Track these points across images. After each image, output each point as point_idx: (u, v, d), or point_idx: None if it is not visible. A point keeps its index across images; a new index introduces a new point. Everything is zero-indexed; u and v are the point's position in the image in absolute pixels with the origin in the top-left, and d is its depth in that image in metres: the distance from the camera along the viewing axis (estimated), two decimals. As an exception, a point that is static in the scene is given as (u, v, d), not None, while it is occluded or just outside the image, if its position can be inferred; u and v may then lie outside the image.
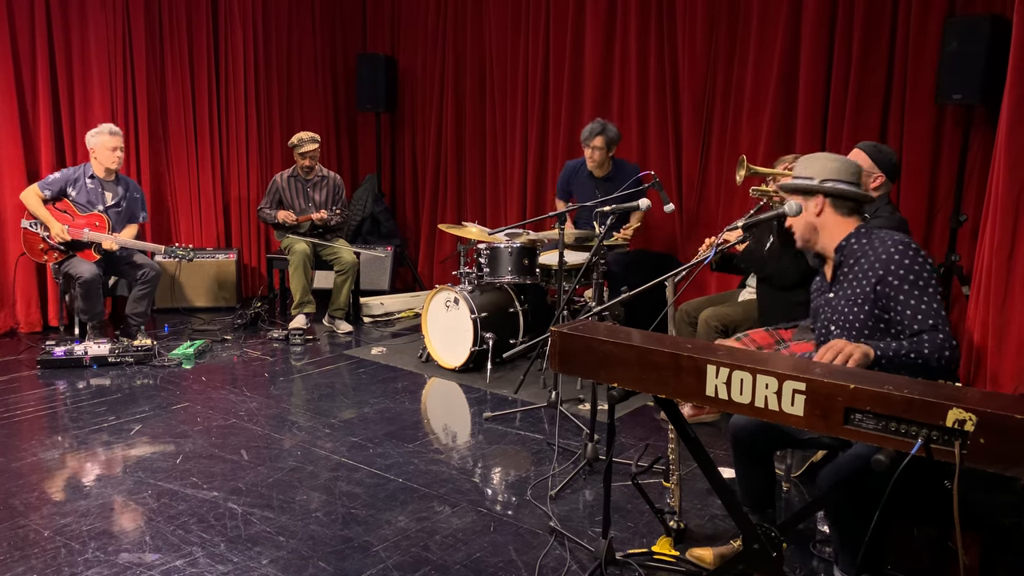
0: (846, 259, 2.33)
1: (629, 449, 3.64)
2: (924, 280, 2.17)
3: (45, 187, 4.93)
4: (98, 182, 5.02)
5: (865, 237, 2.32)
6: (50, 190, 4.93)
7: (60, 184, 4.95)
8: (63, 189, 4.95)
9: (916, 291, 2.17)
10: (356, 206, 7.03)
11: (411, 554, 2.70)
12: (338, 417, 4.00)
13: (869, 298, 2.23)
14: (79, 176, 5.00)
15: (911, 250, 2.20)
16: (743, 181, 3.49)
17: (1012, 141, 3.16)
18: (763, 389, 1.76)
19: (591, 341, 2.02)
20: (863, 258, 2.28)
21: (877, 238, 2.28)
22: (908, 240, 2.24)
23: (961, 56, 3.97)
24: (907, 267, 2.18)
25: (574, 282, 4.15)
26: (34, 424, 3.83)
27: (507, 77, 6.33)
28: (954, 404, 1.55)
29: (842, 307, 2.33)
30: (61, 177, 4.98)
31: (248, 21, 6.44)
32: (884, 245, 2.24)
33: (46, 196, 4.92)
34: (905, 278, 2.18)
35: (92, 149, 4.98)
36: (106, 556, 2.65)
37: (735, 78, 5.07)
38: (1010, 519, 2.05)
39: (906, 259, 2.19)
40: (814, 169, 2.37)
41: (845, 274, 2.33)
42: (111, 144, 4.95)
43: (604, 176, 5.14)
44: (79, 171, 5.02)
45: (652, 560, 2.67)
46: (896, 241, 2.23)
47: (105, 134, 4.95)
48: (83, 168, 5.03)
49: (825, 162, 2.36)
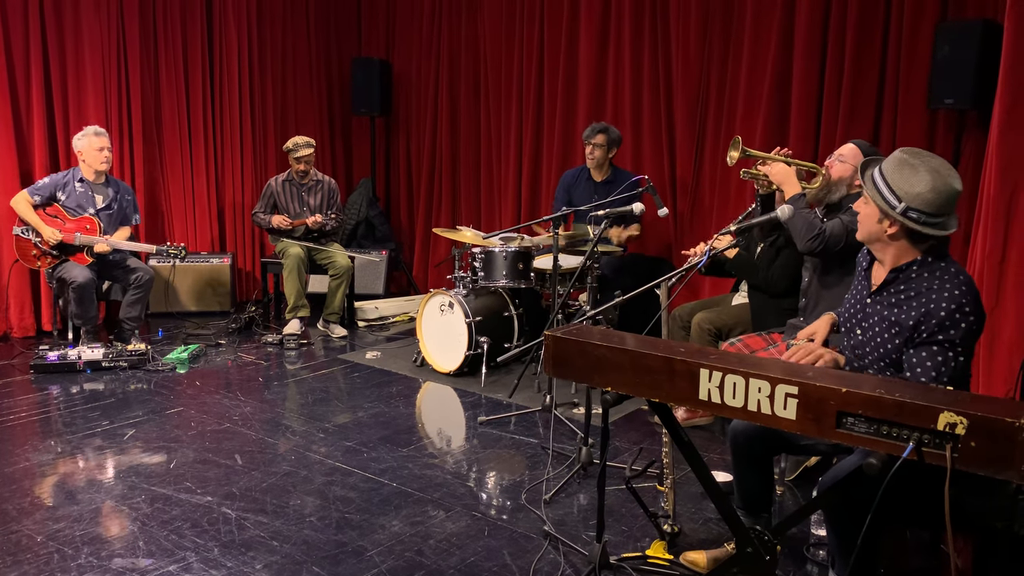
0: (901, 280, 2.22)
1: (623, 453, 3.64)
2: (949, 344, 2.07)
3: (35, 192, 4.92)
4: (88, 185, 5.01)
5: (928, 270, 2.17)
6: (40, 195, 4.92)
7: (49, 189, 4.95)
8: (53, 194, 4.94)
9: (935, 348, 2.09)
10: (351, 210, 7.03)
11: (405, 559, 2.70)
12: (332, 421, 4.00)
13: (905, 333, 2.15)
14: (68, 180, 4.99)
15: (960, 313, 2.08)
16: (735, 163, 3.40)
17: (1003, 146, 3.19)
18: (756, 393, 1.77)
19: (585, 345, 2.03)
20: (917, 293, 2.16)
21: (939, 279, 2.14)
22: (964, 299, 2.09)
23: (953, 61, 3.98)
24: (943, 328, 2.08)
25: (568, 286, 4.15)
26: (27, 429, 3.82)
27: (502, 81, 6.35)
28: (945, 408, 1.56)
29: (875, 322, 2.25)
30: (50, 182, 4.97)
31: (243, 25, 6.44)
32: (940, 294, 2.11)
33: (36, 201, 4.91)
34: (933, 337, 2.09)
35: (79, 152, 4.97)
36: (99, 561, 2.64)
37: (728, 82, 5.09)
38: (1002, 522, 2.06)
39: (948, 320, 2.07)
40: (907, 187, 2.15)
41: (894, 293, 2.23)
42: (97, 144, 4.94)
43: (603, 180, 5.18)
44: (68, 175, 5.02)
45: (646, 564, 2.67)
46: (952, 297, 2.09)
47: (91, 135, 4.95)
48: (72, 172, 5.03)
49: (922, 188, 2.13)
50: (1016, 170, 3.17)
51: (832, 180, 3.19)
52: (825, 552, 2.79)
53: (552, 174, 5.98)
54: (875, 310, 2.27)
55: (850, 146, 3.22)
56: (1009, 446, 1.50)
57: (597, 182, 5.20)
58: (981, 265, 3.27)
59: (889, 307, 2.22)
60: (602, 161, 5.14)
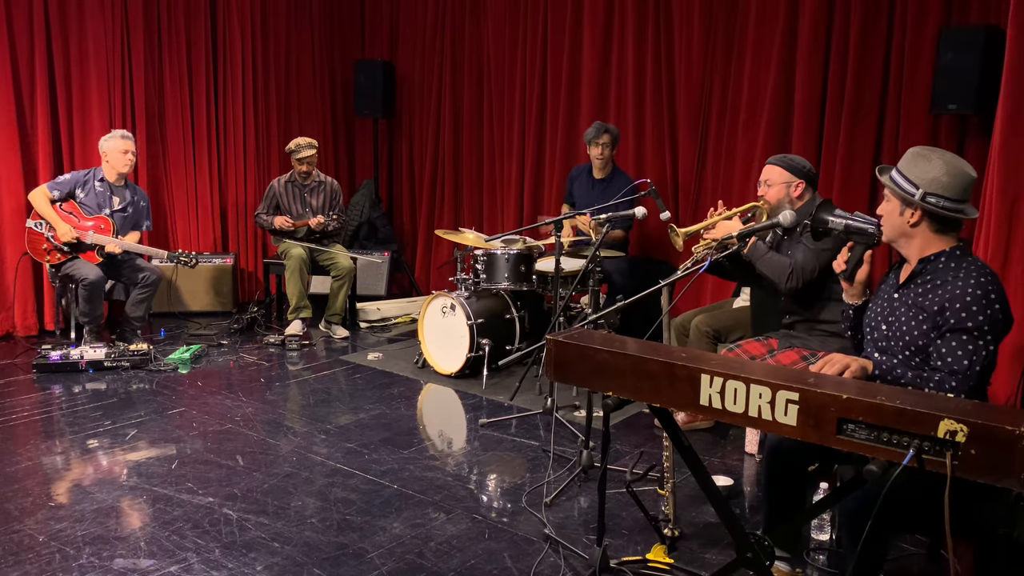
0: (928, 271, 2.24)
1: (624, 456, 3.65)
2: (978, 331, 2.09)
3: (54, 187, 4.98)
4: (107, 186, 5.06)
5: (954, 260, 2.20)
6: (59, 191, 4.97)
7: (69, 185, 5.00)
8: (72, 191, 5.01)
9: (964, 336, 2.09)
10: (353, 211, 7.04)
11: (406, 561, 2.71)
12: (334, 423, 4.00)
13: (931, 320, 2.16)
14: (89, 179, 5.05)
15: (986, 299, 2.10)
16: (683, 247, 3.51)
17: (1006, 152, 3.19)
18: (756, 399, 1.77)
19: (586, 350, 2.04)
20: (943, 281, 2.18)
21: (964, 270, 2.16)
22: (990, 287, 2.12)
23: (956, 66, 3.98)
24: (970, 313, 2.09)
25: (570, 289, 4.16)
26: (29, 428, 3.83)
27: (505, 84, 6.35)
28: (945, 415, 1.57)
29: (902, 312, 2.26)
30: (71, 179, 5.03)
31: (247, 27, 6.45)
32: (966, 280, 2.13)
33: (54, 196, 4.96)
34: (961, 323, 2.10)
35: (105, 153, 5.03)
36: (101, 562, 2.65)
37: (731, 86, 5.09)
38: (1002, 528, 2.06)
39: (974, 306, 2.09)
40: (922, 174, 2.20)
41: (921, 284, 2.25)
42: (123, 147, 5.02)
43: (601, 179, 5.22)
44: (89, 174, 5.07)
45: (646, 568, 2.68)
46: (979, 284, 2.12)
47: (117, 138, 5.03)
48: (93, 172, 5.09)
49: (937, 173, 2.18)
50: (1018, 176, 3.18)
51: (773, 205, 3.32)
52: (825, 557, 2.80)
53: (555, 176, 5.99)
54: (902, 302, 2.28)
55: (768, 167, 3.35)
56: (1009, 454, 1.50)
57: (596, 179, 5.26)
58: (983, 270, 3.27)
59: (915, 297, 2.24)
60: (608, 160, 5.18)
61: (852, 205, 2.34)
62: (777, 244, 3.40)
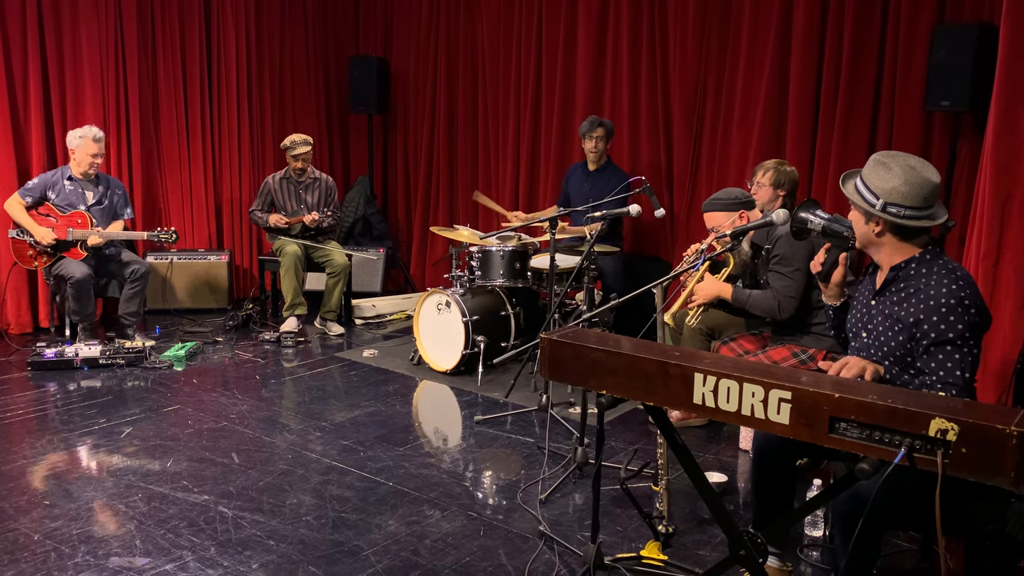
0: (900, 278, 2.24)
1: (618, 453, 3.66)
2: (961, 340, 2.10)
3: (26, 194, 4.94)
4: (77, 183, 5.02)
5: (925, 265, 2.20)
6: (31, 196, 4.93)
7: (40, 189, 4.96)
8: (44, 194, 4.96)
9: (948, 347, 2.10)
10: (348, 208, 7.03)
11: (401, 558, 2.72)
12: (329, 420, 4.01)
13: (907, 330, 2.17)
14: (58, 179, 5.00)
15: (960, 307, 2.10)
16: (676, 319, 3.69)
17: (998, 150, 3.20)
18: (749, 397, 1.78)
19: (580, 348, 2.04)
20: (916, 290, 2.18)
21: (936, 274, 2.16)
22: (963, 293, 2.12)
23: (949, 63, 3.99)
24: (948, 323, 2.10)
25: (565, 286, 4.16)
26: (24, 426, 3.83)
27: (499, 80, 6.35)
28: (937, 414, 1.58)
29: (879, 321, 2.26)
30: (40, 182, 4.99)
31: (240, 23, 6.43)
32: (938, 289, 2.13)
33: (28, 203, 4.93)
34: (942, 335, 2.10)
35: (72, 150, 4.98)
36: (96, 560, 2.65)
37: (726, 82, 5.10)
38: (993, 525, 2.08)
39: (951, 316, 2.10)
40: (882, 184, 2.19)
41: (895, 292, 2.25)
42: (92, 150, 4.95)
43: (595, 170, 5.26)
44: (57, 174, 5.03)
45: (640, 564, 2.69)
46: (950, 292, 2.11)
47: (88, 139, 4.94)
48: (61, 171, 5.04)
49: (896, 182, 2.16)
50: (1010, 174, 3.18)
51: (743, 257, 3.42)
52: (819, 553, 2.81)
53: (550, 172, 5.99)
54: (879, 311, 2.29)
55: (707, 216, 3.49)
56: (999, 452, 1.52)
57: (589, 171, 5.29)
58: (975, 268, 3.29)
59: (890, 306, 2.25)
60: (602, 153, 5.20)
61: (845, 202, 2.33)
62: (753, 271, 3.46)
